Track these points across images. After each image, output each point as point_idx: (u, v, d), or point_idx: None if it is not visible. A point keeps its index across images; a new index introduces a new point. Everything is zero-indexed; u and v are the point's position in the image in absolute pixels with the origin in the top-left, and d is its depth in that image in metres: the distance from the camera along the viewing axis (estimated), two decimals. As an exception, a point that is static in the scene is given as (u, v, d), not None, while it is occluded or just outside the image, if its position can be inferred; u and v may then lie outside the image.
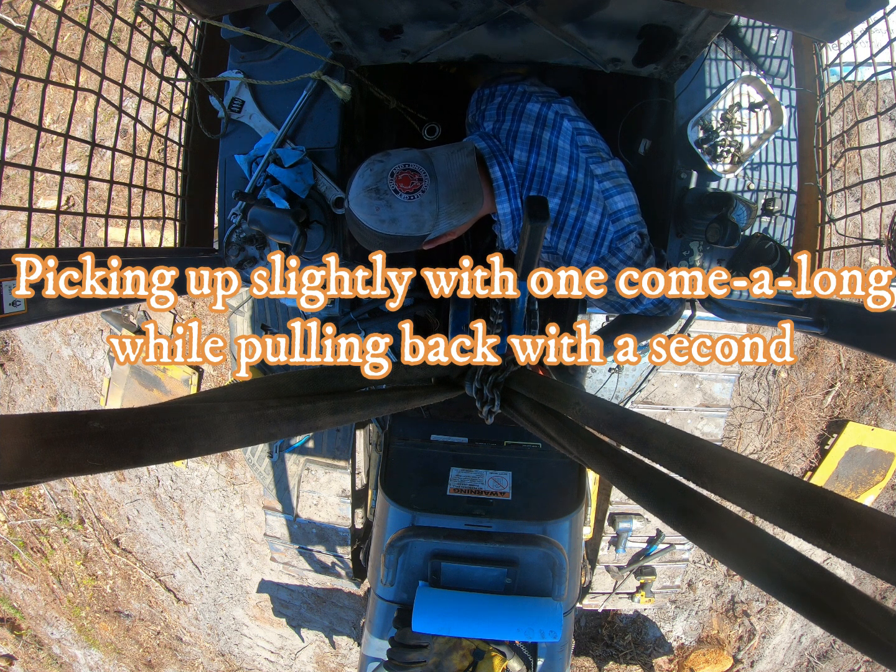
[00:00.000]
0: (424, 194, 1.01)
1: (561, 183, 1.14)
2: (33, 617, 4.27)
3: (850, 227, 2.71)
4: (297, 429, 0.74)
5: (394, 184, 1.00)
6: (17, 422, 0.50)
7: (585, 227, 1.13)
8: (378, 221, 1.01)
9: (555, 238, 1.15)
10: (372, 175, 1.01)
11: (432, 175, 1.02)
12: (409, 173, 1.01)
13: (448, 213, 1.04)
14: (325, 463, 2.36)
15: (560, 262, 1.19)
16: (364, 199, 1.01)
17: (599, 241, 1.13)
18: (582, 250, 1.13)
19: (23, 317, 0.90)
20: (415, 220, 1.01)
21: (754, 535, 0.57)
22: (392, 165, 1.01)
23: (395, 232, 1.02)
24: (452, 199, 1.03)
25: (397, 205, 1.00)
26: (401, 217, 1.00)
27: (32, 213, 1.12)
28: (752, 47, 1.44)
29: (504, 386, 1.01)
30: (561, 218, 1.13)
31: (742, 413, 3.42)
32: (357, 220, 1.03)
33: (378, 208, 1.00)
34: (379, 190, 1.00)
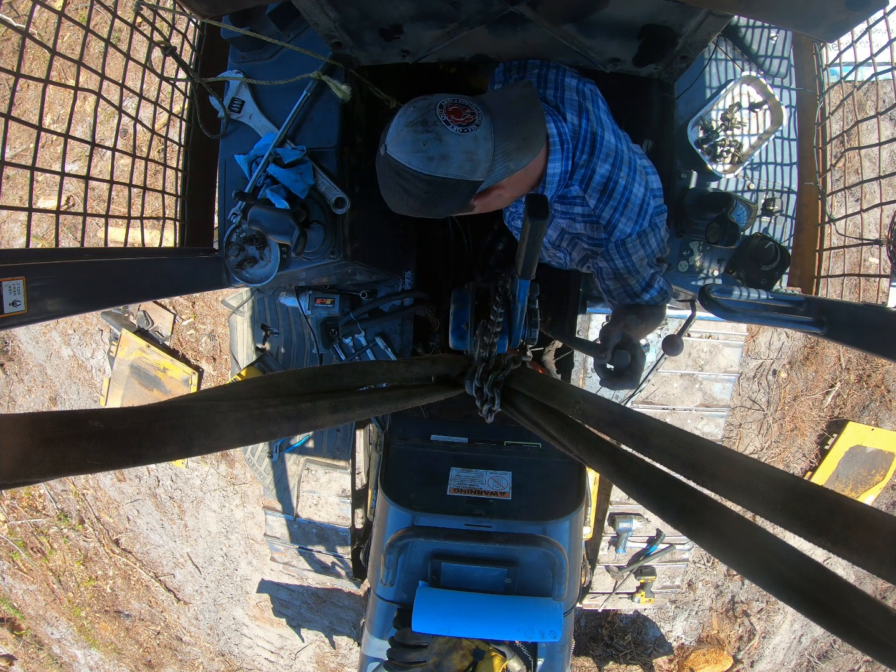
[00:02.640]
0: (479, 128, 0.88)
1: (611, 150, 1.11)
2: (33, 617, 4.27)
3: (850, 227, 2.71)
4: (296, 427, 0.74)
5: (444, 115, 0.87)
6: (17, 421, 0.50)
7: (632, 197, 1.10)
8: (425, 159, 0.86)
9: (601, 205, 1.10)
10: (416, 110, 0.88)
11: (485, 109, 0.90)
12: (460, 107, 0.89)
13: (505, 152, 0.92)
14: (325, 463, 2.36)
15: (599, 233, 1.13)
16: (408, 133, 0.86)
17: (643, 214, 1.12)
18: (627, 220, 1.11)
19: (23, 317, 0.90)
20: (468, 159, 0.88)
21: (755, 534, 0.57)
22: (439, 99, 0.89)
23: (445, 173, 0.88)
24: (510, 135, 0.92)
25: (448, 137, 0.86)
26: (453, 153, 0.86)
27: (32, 213, 1.12)
28: (752, 47, 1.44)
29: (504, 385, 1.01)
30: (611, 185, 1.09)
31: (742, 413, 3.42)
32: (397, 166, 0.88)
33: (426, 142, 0.85)
34: (427, 122, 0.86)
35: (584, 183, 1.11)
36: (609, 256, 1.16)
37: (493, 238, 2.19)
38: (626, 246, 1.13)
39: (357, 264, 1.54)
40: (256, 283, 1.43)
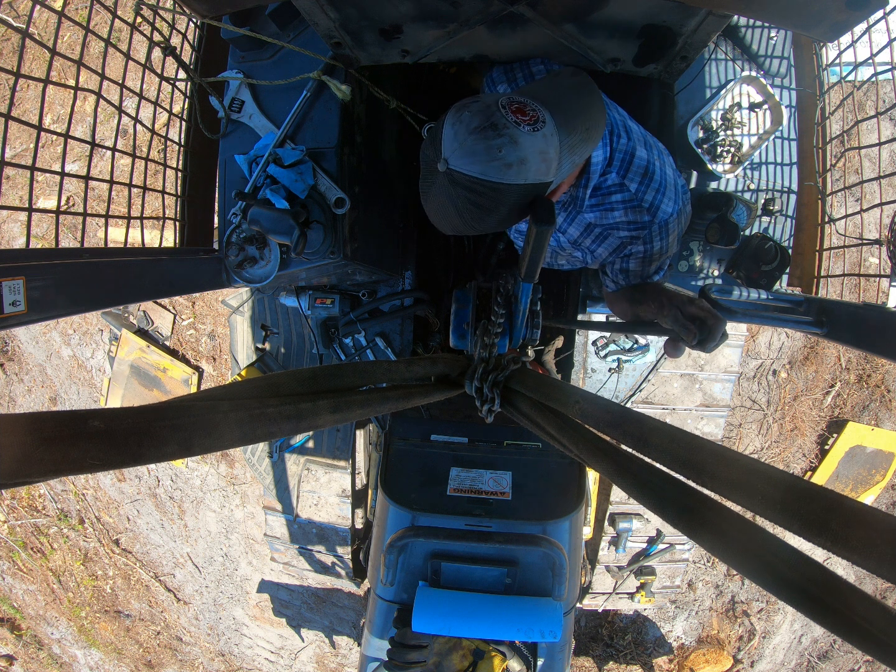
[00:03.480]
0: (546, 125, 0.81)
1: (640, 135, 1.12)
2: (33, 617, 4.27)
3: (850, 227, 2.72)
4: (297, 427, 0.74)
5: (511, 115, 0.79)
6: (18, 421, 0.50)
7: (667, 179, 1.12)
8: (503, 167, 0.78)
9: (643, 188, 1.11)
10: (476, 113, 0.79)
11: (542, 104, 0.84)
12: (521, 105, 0.81)
13: (570, 147, 0.87)
14: (325, 463, 2.36)
15: (642, 216, 1.12)
16: (477, 142, 0.77)
17: (678, 193, 1.14)
18: (668, 201, 1.12)
19: (23, 317, 0.90)
20: (543, 160, 0.81)
21: (755, 534, 0.57)
22: (494, 99, 0.81)
23: (526, 179, 0.80)
24: (574, 128, 0.87)
25: (523, 139, 0.78)
26: (530, 156, 0.79)
27: (32, 213, 1.12)
28: (752, 47, 1.44)
29: (504, 385, 1.01)
30: (651, 168, 1.10)
31: (742, 413, 3.42)
32: (466, 181, 0.79)
33: (500, 147, 0.77)
34: (497, 126, 0.78)
35: (623, 168, 1.10)
36: (649, 238, 1.15)
37: (494, 238, 2.19)
38: (668, 226, 1.14)
39: (357, 264, 1.54)
40: (256, 283, 1.43)
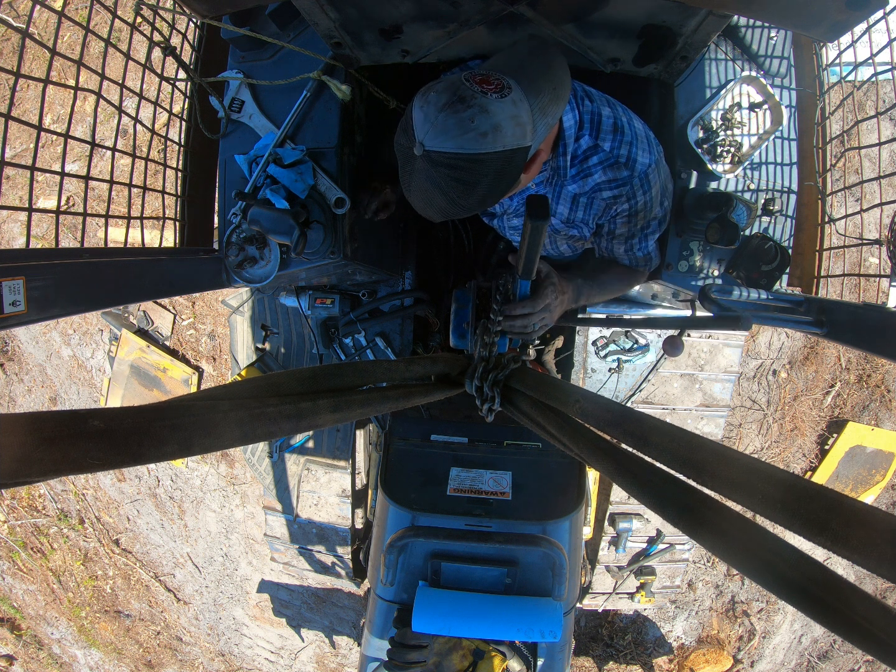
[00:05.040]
0: (513, 91, 0.83)
1: (601, 95, 1.14)
2: (33, 617, 4.27)
3: (850, 227, 2.72)
4: (297, 427, 0.74)
5: (476, 86, 0.80)
6: (18, 420, 0.50)
7: (637, 130, 1.14)
8: (478, 137, 0.79)
9: (616, 144, 1.12)
10: (441, 93, 0.81)
11: (505, 72, 0.86)
12: (484, 76, 0.83)
13: (541, 108, 0.88)
14: (325, 463, 2.36)
15: (621, 172, 1.13)
16: (448, 118, 0.78)
17: (651, 143, 1.15)
18: (643, 152, 1.13)
19: (23, 317, 0.90)
20: (517, 123, 0.82)
21: (755, 533, 0.57)
22: (458, 75, 0.83)
23: (503, 145, 0.81)
24: (541, 89, 0.88)
25: (493, 106, 0.79)
26: (503, 121, 0.80)
27: (32, 213, 1.12)
28: (752, 47, 1.44)
29: (504, 384, 1.01)
30: (619, 123, 1.12)
31: (742, 413, 3.42)
32: (445, 159, 0.80)
33: (472, 118, 0.78)
34: (465, 98, 0.79)
35: (594, 129, 1.12)
36: (632, 193, 1.16)
37: (495, 237, 2.19)
38: (648, 177, 1.15)
39: (357, 264, 1.54)
40: (256, 283, 1.43)
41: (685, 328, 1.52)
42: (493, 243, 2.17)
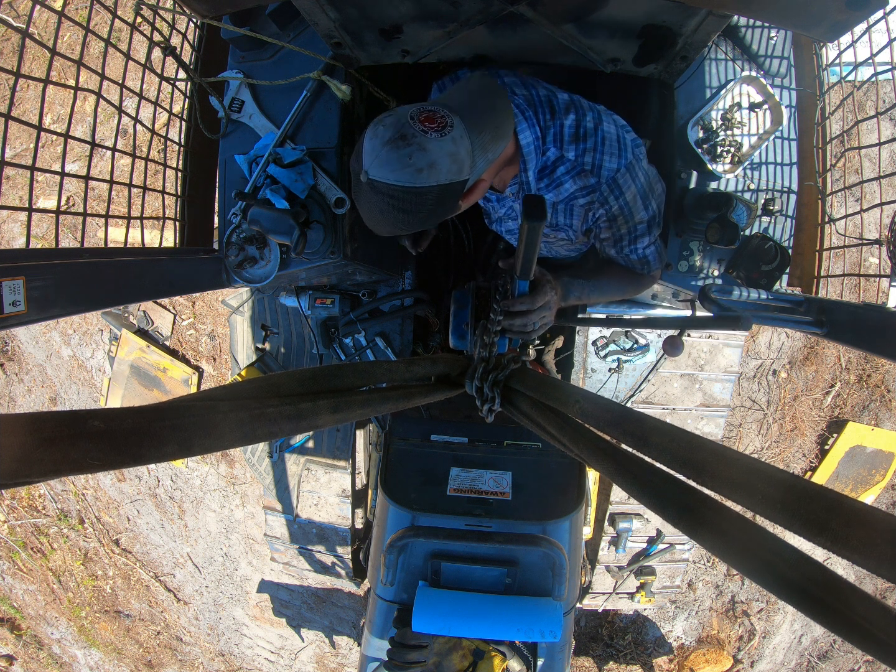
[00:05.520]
0: (454, 129, 0.89)
1: (568, 102, 1.14)
2: (33, 617, 4.27)
3: (850, 227, 2.72)
4: (297, 427, 0.74)
5: (418, 124, 0.87)
6: (18, 421, 0.50)
7: (606, 134, 1.13)
8: (415, 172, 0.86)
9: (580, 152, 1.12)
10: (388, 127, 0.88)
11: (451, 109, 0.92)
12: (430, 113, 0.90)
13: (482, 145, 0.94)
14: (325, 463, 2.36)
15: (589, 179, 1.15)
16: (389, 153, 0.86)
17: (622, 146, 1.14)
18: (610, 156, 1.12)
19: (23, 317, 0.90)
20: (455, 161, 0.89)
21: (755, 534, 0.57)
22: (406, 111, 0.90)
23: (437, 181, 0.88)
24: (483, 128, 0.94)
25: (431, 145, 0.86)
26: (439, 160, 0.87)
27: (32, 213, 1.12)
28: (752, 47, 1.44)
29: (504, 384, 1.01)
30: (582, 130, 1.12)
31: (742, 413, 3.42)
32: (385, 189, 0.88)
33: (411, 156, 0.85)
34: (406, 136, 0.86)
35: (558, 140, 1.13)
36: (604, 199, 1.17)
37: (495, 237, 2.20)
38: (618, 182, 1.14)
39: (357, 264, 1.54)
40: (256, 283, 1.43)
41: (685, 328, 1.52)
42: (493, 243, 2.17)
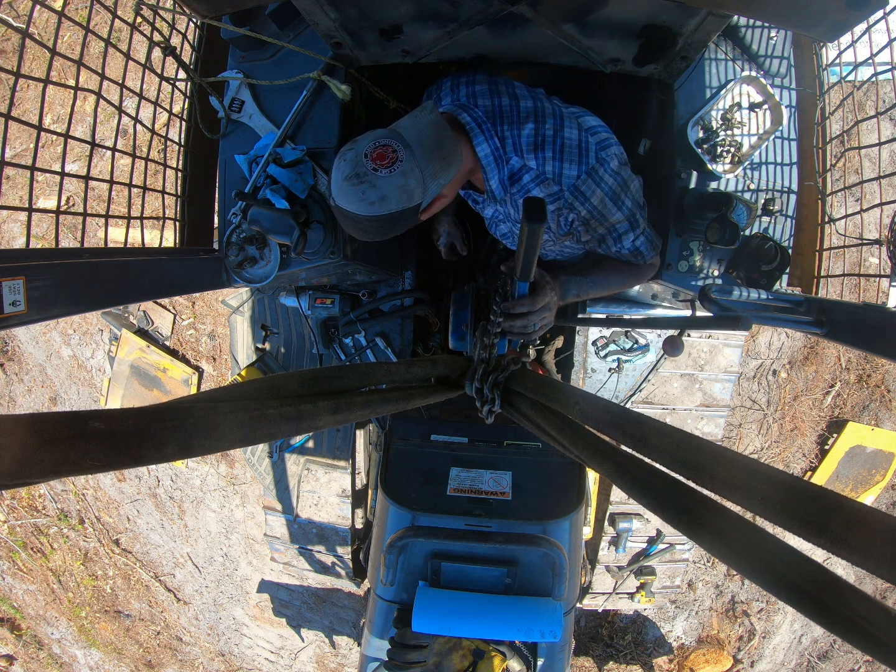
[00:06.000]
0: (403, 163, 1.00)
1: (530, 110, 1.16)
2: (33, 617, 4.27)
3: (850, 227, 2.72)
4: (297, 429, 0.74)
5: (370, 163, 0.99)
6: (18, 421, 0.50)
7: (567, 141, 1.14)
8: (368, 205, 1.00)
9: (540, 161, 1.15)
10: (347, 163, 1.00)
11: (405, 144, 1.02)
12: (382, 149, 1.00)
13: (433, 173, 1.04)
14: (325, 463, 2.36)
15: (552, 188, 1.17)
16: (347, 188, 1.00)
17: (584, 151, 1.14)
18: (570, 164, 1.14)
19: (23, 317, 0.90)
20: (404, 192, 1.01)
21: (755, 535, 0.57)
22: (363, 148, 1.01)
23: (388, 210, 1.01)
24: (432, 159, 1.03)
25: (381, 182, 0.99)
26: (389, 193, 0.99)
27: (32, 213, 1.12)
28: (752, 47, 1.44)
29: (504, 385, 1.01)
30: (539, 138, 1.14)
31: (742, 413, 3.42)
32: (348, 213, 1.02)
33: (364, 192, 0.99)
34: (359, 175, 0.99)
35: (518, 149, 1.15)
36: (570, 205, 1.18)
37: (495, 238, 2.19)
38: (581, 189, 1.15)
39: (357, 264, 1.54)
40: (256, 283, 1.43)
41: (685, 328, 1.53)
42: (493, 244, 2.17)
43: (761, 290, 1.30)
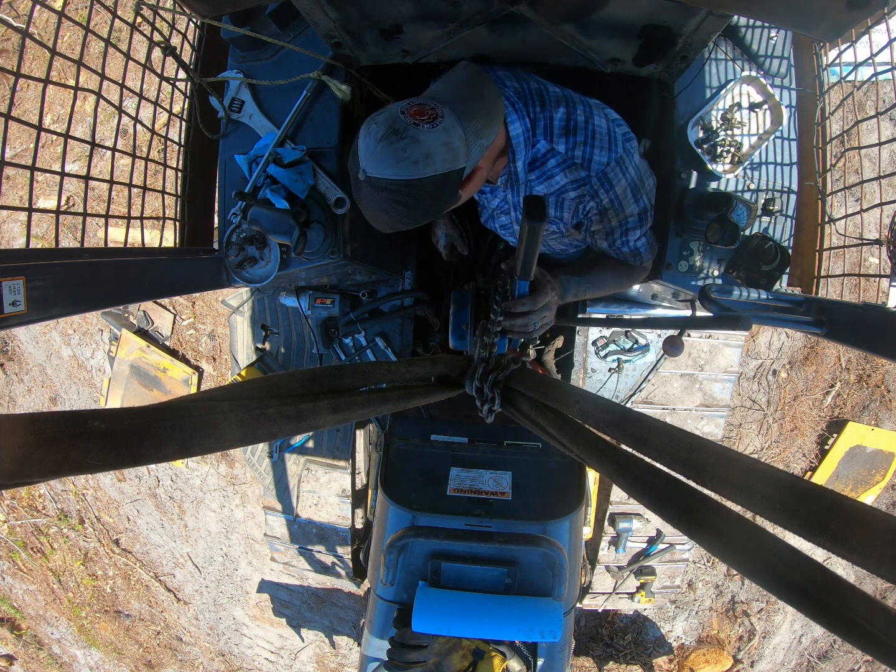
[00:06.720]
0: (445, 119, 0.90)
1: (559, 96, 1.15)
2: (33, 617, 4.27)
3: (850, 227, 2.72)
4: (297, 428, 0.74)
5: (409, 118, 0.89)
6: (18, 421, 0.50)
7: (597, 128, 1.13)
8: (411, 165, 0.88)
9: (570, 145, 1.13)
10: (380, 125, 0.90)
11: (441, 102, 0.93)
12: (419, 107, 0.92)
13: (475, 131, 0.95)
14: (325, 463, 2.36)
15: (579, 173, 1.15)
16: (383, 149, 0.88)
17: (613, 139, 1.14)
18: (601, 150, 1.13)
19: (23, 317, 0.90)
20: (448, 150, 0.90)
21: (755, 534, 0.57)
22: (396, 108, 0.92)
23: (434, 171, 0.89)
24: (473, 115, 0.95)
25: (424, 136, 0.88)
26: (434, 150, 0.88)
27: (32, 213, 1.12)
28: (752, 47, 1.44)
29: (504, 385, 1.01)
30: (572, 123, 1.12)
31: (742, 413, 3.42)
32: (383, 184, 0.89)
33: (405, 149, 0.87)
34: (398, 131, 0.88)
35: (548, 133, 1.14)
36: (594, 193, 1.17)
37: (495, 237, 2.19)
38: (608, 176, 1.15)
39: (357, 264, 1.54)
40: (256, 283, 1.43)
41: (685, 328, 1.53)
42: (493, 243, 2.17)
43: (761, 290, 1.30)
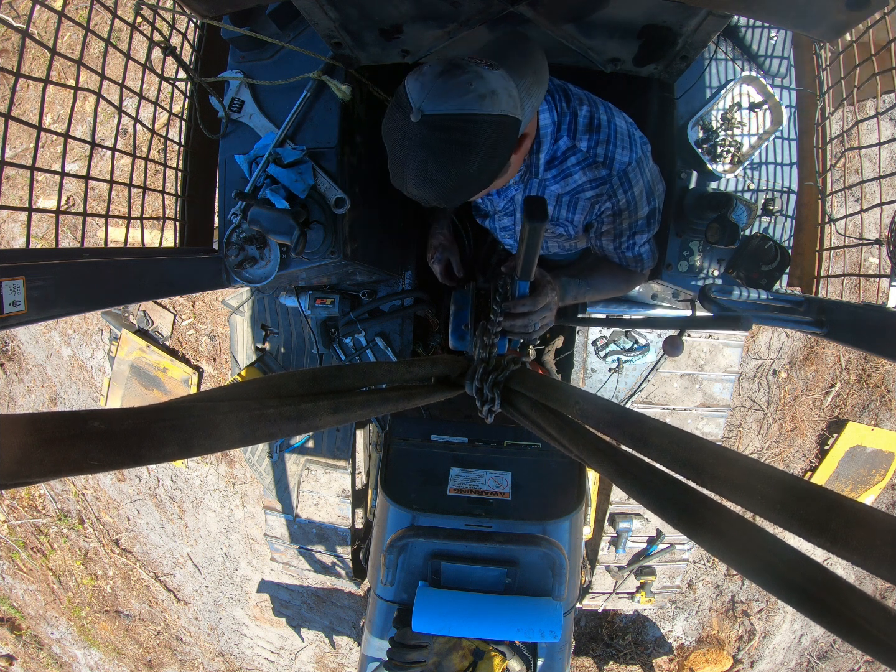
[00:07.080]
0: (499, 69, 0.87)
1: (581, 94, 1.16)
2: (33, 617, 4.27)
3: (850, 227, 2.71)
4: (297, 428, 0.74)
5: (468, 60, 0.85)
6: (18, 421, 0.50)
7: (618, 128, 1.14)
8: (478, 97, 0.81)
9: (593, 143, 1.13)
10: (434, 65, 0.84)
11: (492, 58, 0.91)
12: (473, 56, 0.88)
13: (526, 88, 0.93)
14: (325, 463, 2.36)
15: (600, 171, 1.15)
16: (447, 82, 0.81)
17: (633, 141, 1.15)
18: (623, 150, 1.13)
19: (23, 317, 0.90)
20: (509, 95, 0.86)
21: (755, 534, 0.57)
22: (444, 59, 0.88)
23: (500, 109, 0.83)
24: (524, 72, 0.93)
25: (488, 74, 0.84)
26: (498, 88, 0.84)
27: (32, 213, 1.12)
28: (752, 47, 1.44)
29: (504, 385, 1.01)
30: (596, 121, 1.13)
31: (742, 413, 3.42)
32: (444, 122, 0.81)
33: (470, 82, 0.81)
34: (461, 65, 0.83)
35: (571, 129, 1.14)
36: (612, 192, 1.17)
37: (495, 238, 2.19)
38: (629, 176, 1.15)
39: (357, 264, 1.54)
40: (256, 283, 1.43)
41: (685, 328, 1.53)
42: (492, 244, 2.17)
43: (761, 290, 1.30)
